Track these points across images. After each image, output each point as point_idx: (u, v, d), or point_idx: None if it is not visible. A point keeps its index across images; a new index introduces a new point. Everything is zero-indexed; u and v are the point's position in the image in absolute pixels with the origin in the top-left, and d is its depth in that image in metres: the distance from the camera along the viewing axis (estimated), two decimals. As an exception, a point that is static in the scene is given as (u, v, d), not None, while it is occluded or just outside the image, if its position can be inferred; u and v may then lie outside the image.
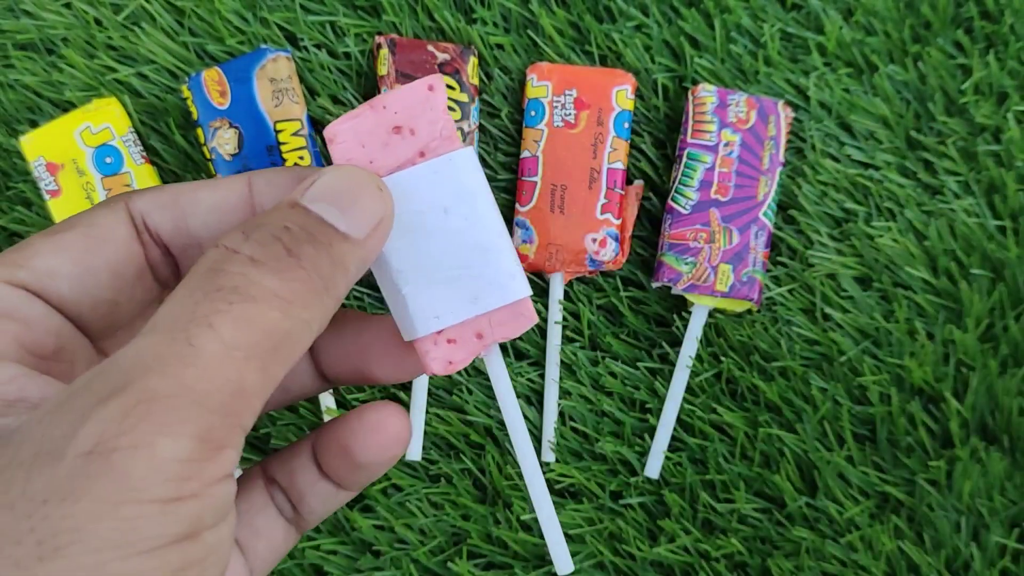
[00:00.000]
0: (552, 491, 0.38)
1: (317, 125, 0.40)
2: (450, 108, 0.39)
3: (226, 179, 0.24)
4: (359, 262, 0.22)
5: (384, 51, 0.39)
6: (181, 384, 0.18)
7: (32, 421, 0.18)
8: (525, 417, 0.37)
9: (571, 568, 0.27)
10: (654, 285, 0.39)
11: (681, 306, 0.40)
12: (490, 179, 0.41)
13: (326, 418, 0.38)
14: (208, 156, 0.38)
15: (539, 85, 0.39)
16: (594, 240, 0.39)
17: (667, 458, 0.38)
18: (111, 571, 0.17)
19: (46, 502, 0.17)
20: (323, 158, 0.40)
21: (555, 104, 0.39)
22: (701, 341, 0.39)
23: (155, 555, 0.17)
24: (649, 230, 0.40)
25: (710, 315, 0.39)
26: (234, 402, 0.19)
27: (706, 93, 0.39)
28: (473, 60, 0.39)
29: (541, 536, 0.37)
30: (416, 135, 0.24)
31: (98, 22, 0.41)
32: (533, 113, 0.39)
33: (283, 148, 0.38)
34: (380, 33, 0.40)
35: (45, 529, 0.17)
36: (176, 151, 0.40)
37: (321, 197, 0.22)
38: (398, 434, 0.25)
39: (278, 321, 0.20)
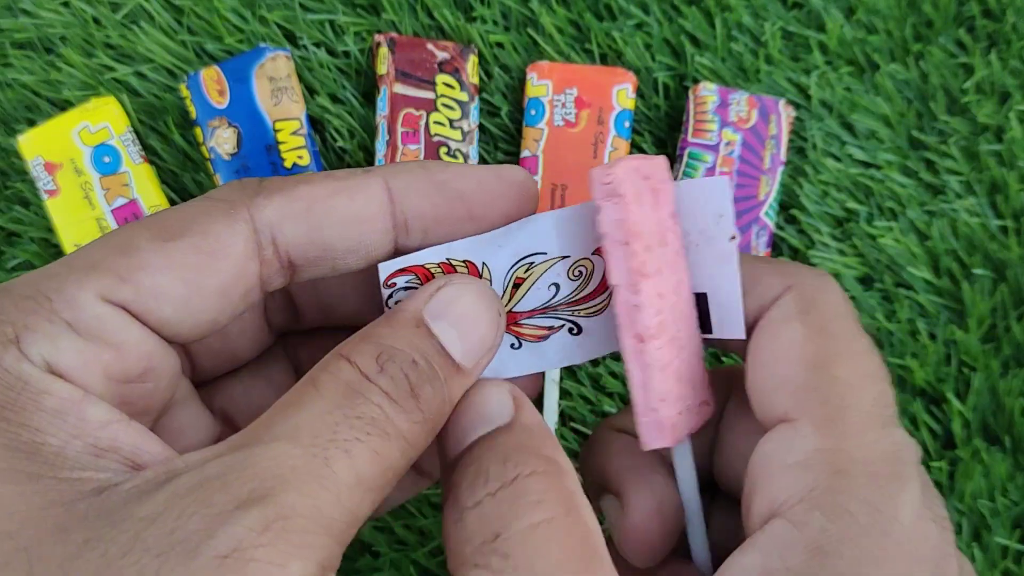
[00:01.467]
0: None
1: (316, 124, 0.40)
2: (449, 107, 0.39)
3: (360, 182, 0.22)
4: (461, 392, 0.22)
5: (383, 49, 0.39)
6: (316, 507, 0.18)
7: (159, 503, 0.17)
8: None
9: None
10: (655, 285, 0.39)
11: (682, 306, 0.40)
12: (490, 178, 0.40)
13: None
14: (207, 155, 0.38)
15: (539, 84, 0.39)
16: (594, 240, 0.39)
17: (668, 459, 0.38)
18: None
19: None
20: (322, 158, 0.40)
21: (555, 103, 0.39)
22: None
23: None
24: (650, 230, 0.40)
25: (711, 315, 0.39)
26: (349, 531, 0.19)
27: (707, 92, 0.39)
28: (473, 59, 0.39)
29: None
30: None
31: (96, 21, 0.41)
32: (533, 112, 0.39)
33: (282, 147, 0.38)
34: (379, 31, 0.40)
35: None
36: (175, 150, 0.40)
37: (444, 315, 0.21)
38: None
39: (398, 460, 0.20)
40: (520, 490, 0.20)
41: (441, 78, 0.39)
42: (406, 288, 0.23)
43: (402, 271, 0.22)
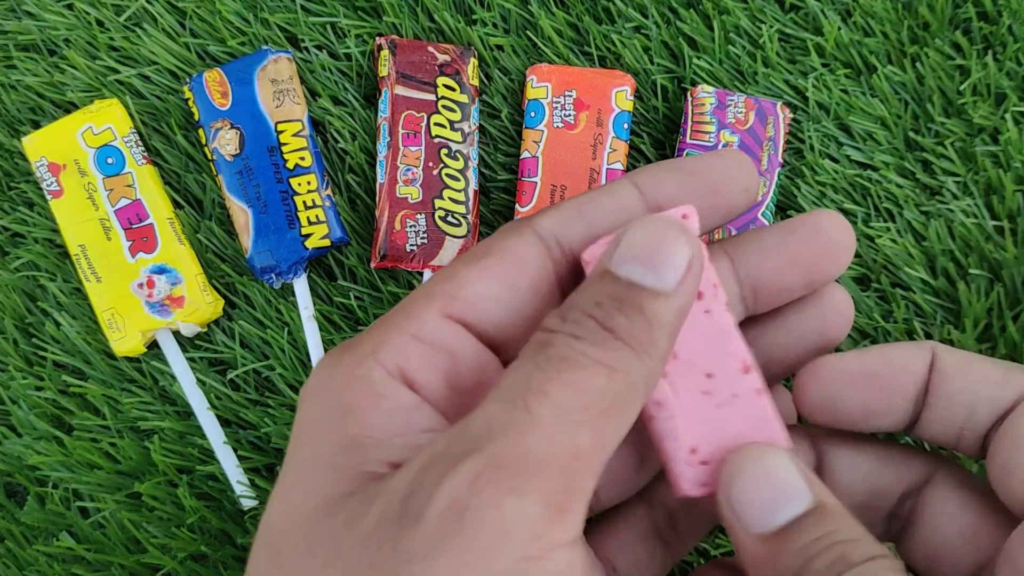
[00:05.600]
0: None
1: (318, 125, 0.40)
2: (450, 109, 0.39)
3: (611, 185, 0.25)
4: (675, 311, 0.22)
5: (385, 52, 0.39)
6: (524, 449, 0.19)
7: (399, 477, 0.20)
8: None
9: None
10: (653, 285, 0.39)
11: (680, 306, 0.40)
12: (490, 179, 0.41)
13: None
14: (210, 157, 0.39)
15: (539, 86, 0.39)
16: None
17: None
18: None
19: (410, 561, 0.18)
20: (324, 159, 0.40)
21: (555, 105, 0.39)
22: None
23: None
24: (648, 230, 0.41)
25: (709, 315, 0.39)
26: (572, 464, 0.20)
27: (705, 94, 0.39)
28: (473, 61, 0.40)
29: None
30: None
31: (100, 23, 0.41)
32: (533, 114, 0.39)
33: (284, 149, 0.38)
34: (381, 34, 0.41)
35: None
36: (178, 152, 0.40)
37: (628, 258, 0.22)
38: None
39: (605, 385, 0.20)
40: None
41: (442, 80, 0.39)
42: None
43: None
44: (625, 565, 0.27)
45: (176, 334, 0.39)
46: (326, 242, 0.38)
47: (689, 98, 0.39)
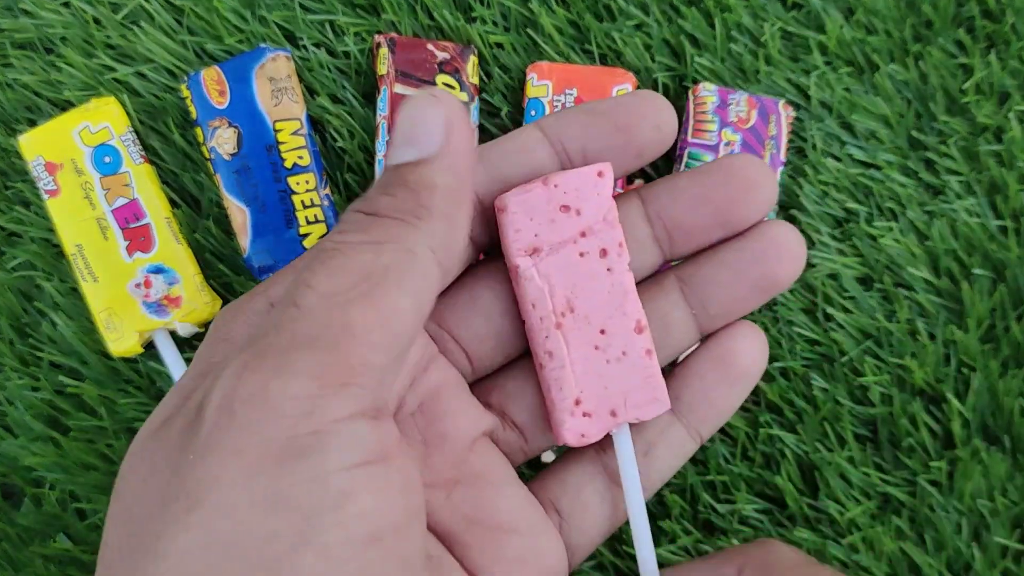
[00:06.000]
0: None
1: (316, 124, 0.40)
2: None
3: (520, 131, 0.26)
4: (444, 171, 0.22)
5: (383, 50, 0.39)
6: (290, 336, 0.20)
7: (198, 389, 0.21)
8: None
9: None
10: (654, 285, 0.39)
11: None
12: (490, 179, 0.40)
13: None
14: (207, 155, 0.38)
15: (539, 84, 0.39)
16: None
17: (667, 459, 0.38)
18: (241, 517, 0.18)
19: (193, 459, 0.19)
20: (322, 158, 0.40)
21: (555, 103, 0.39)
22: (702, 341, 0.39)
23: (280, 503, 0.18)
24: (649, 230, 0.40)
25: (711, 315, 0.39)
26: (344, 339, 0.20)
27: (707, 92, 0.39)
28: (473, 59, 0.39)
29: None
30: (582, 215, 0.26)
31: (97, 21, 0.41)
32: (533, 112, 0.39)
33: (282, 147, 0.38)
34: (379, 32, 0.40)
35: (192, 483, 0.19)
36: (175, 150, 0.40)
37: (395, 145, 0.23)
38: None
39: (372, 260, 0.21)
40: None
41: (441, 78, 0.39)
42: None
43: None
44: (569, 507, 0.27)
45: (173, 334, 0.39)
46: (325, 242, 0.38)
47: (691, 96, 0.39)
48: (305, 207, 0.38)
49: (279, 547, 0.18)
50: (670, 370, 0.28)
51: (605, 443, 0.27)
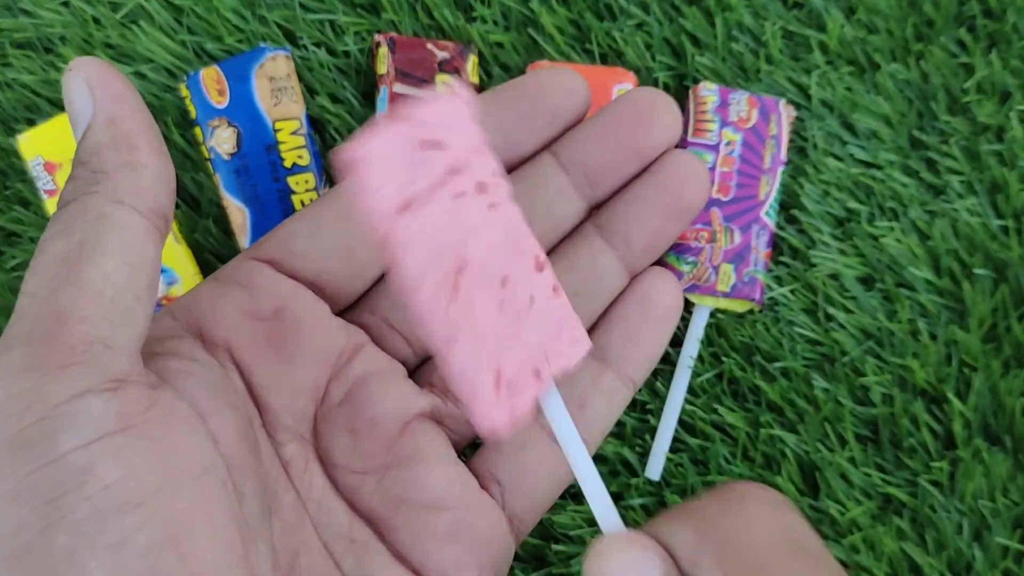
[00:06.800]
0: (552, 492, 0.38)
1: (316, 124, 0.40)
2: (450, 107, 0.39)
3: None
4: (104, 128, 0.23)
5: (383, 49, 0.39)
6: (6, 340, 0.20)
7: None
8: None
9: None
10: (655, 285, 0.39)
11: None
12: (490, 178, 0.40)
13: None
14: (206, 155, 0.38)
15: (539, 84, 0.39)
16: (595, 240, 0.38)
17: (668, 459, 0.38)
18: None
19: None
20: (322, 157, 0.40)
21: (555, 103, 0.39)
22: (702, 341, 0.39)
23: (21, 494, 0.19)
24: (650, 230, 0.40)
25: (711, 315, 0.39)
26: (56, 325, 0.20)
27: (707, 92, 0.39)
28: (473, 58, 0.39)
29: (540, 538, 0.36)
30: (449, 149, 0.21)
31: (96, 20, 0.41)
32: (533, 112, 0.39)
33: (282, 147, 0.38)
34: (379, 31, 0.40)
35: None
36: (174, 150, 0.40)
37: (73, 134, 0.24)
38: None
39: (64, 246, 0.21)
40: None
41: (441, 78, 0.39)
42: None
43: None
44: (510, 475, 0.27)
45: (173, 334, 0.38)
46: (324, 241, 0.38)
47: (691, 96, 0.39)
48: (305, 207, 0.38)
49: (28, 535, 0.18)
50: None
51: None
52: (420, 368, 0.28)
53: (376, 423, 0.26)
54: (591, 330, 0.28)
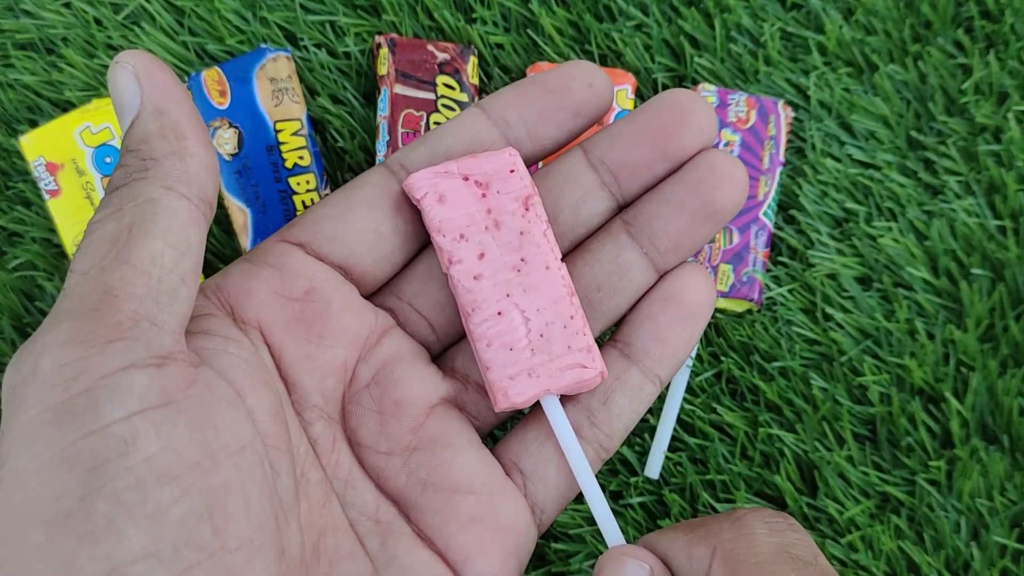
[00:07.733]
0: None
1: (317, 124, 0.40)
2: (450, 108, 0.39)
3: (462, 112, 0.28)
4: (152, 117, 0.24)
5: (384, 50, 0.39)
6: (54, 315, 0.21)
7: None
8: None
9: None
10: (654, 285, 0.39)
11: (681, 306, 0.40)
12: (490, 179, 0.40)
13: None
14: (208, 156, 0.38)
15: (539, 85, 0.39)
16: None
17: (667, 458, 0.38)
18: (30, 484, 0.19)
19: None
20: (322, 158, 0.40)
21: (555, 104, 0.39)
22: (701, 341, 0.39)
23: (63, 462, 0.19)
24: (649, 230, 0.40)
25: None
26: (105, 301, 0.21)
27: (706, 93, 0.39)
28: (473, 60, 0.39)
29: (540, 536, 0.37)
30: (500, 195, 0.27)
31: (98, 22, 0.41)
32: (533, 113, 0.39)
33: (283, 148, 0.38)
34: (380, 32, 0.40)
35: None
36: (176, 151, 0.40)
37: (119, 122, 0.24)
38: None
39: (115, 227, 0.22)
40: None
41: (441, 79, 0.39)
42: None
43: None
44: (532, 465, 0.27)
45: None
46: (325, 242, 0.38)
47: (690, 97, 0.39)
48: (306, 207, 0.38)
49: (69, 501, 0.19)
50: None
51: (564, 395, 0.28)
52: (442, 355, 0.29)
53: (402, 406, 0.27)
54: (617, 326, 0.28)
